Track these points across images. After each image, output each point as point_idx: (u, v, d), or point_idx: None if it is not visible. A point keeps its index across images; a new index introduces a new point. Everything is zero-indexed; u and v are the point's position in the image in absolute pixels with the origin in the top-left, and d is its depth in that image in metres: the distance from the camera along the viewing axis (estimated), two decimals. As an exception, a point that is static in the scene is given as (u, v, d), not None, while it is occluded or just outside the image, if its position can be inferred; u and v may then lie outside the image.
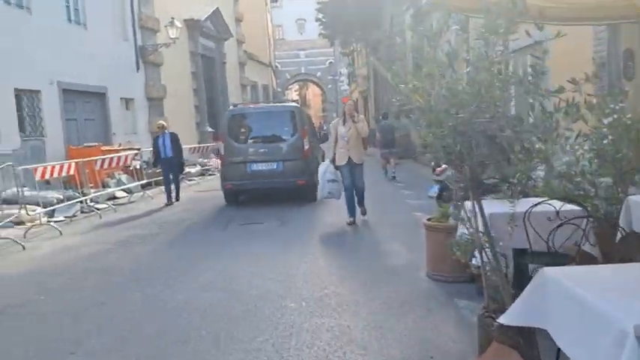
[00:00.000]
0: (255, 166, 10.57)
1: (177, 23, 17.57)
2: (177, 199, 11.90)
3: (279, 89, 54.68)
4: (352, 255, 6.50)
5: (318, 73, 56.39)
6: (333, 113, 54.24)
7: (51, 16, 13.32)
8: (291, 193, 10.80)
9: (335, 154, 8.19)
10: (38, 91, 12.82)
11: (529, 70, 2.62)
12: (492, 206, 3.94)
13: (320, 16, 29.04)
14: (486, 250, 2.95)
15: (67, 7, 14.23)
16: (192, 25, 20.98)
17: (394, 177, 14.25)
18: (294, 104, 13.02)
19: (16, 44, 11.89)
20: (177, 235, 8.26)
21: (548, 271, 2.57)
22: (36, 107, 12.86)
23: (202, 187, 14.91)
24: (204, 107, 21.76)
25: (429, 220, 5.57)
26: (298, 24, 55.32)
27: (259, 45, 31.34)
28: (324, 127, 18.51)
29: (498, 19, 2.39)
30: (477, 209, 2.89)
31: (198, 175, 17.36)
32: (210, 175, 17.80)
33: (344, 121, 8.22)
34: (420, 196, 10.47)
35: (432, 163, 13.53)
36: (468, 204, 3.23)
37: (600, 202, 5.75)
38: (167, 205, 11.47)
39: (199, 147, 18.55)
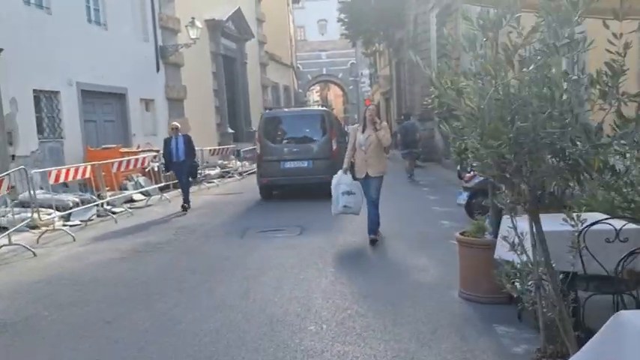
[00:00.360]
0: (288, 164, 11.63)
1: (198, 23, 17.27)
2: (186, 206, 10.84)
3: (300, 90, 54.32)
4: (376, 270, 6.02)
5: (340, 74, 56.03)
6: (355, 114, 53.75)
7: (71, 16, 13.10)
8: (316, 194, 10.37)
9: (352, 163, 7.24)
10: (57, 92, 12.61)
11: (600, 69, 2.12)
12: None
13: (342, 16, 28.58)
14: (544, 283, 2.46)
15: (87, 7, 14.01)
16: (213, 25, 20.69)
17: (411, 176, 14.47)
18: (324, 108, 14.19)
19: (36, 45, 11.67)
20: (193, 243, 7.88)
21: (628, 315, 2.08)
22: (55, 108, 12.65)
23: (222, 190, 14.56)
24: (225, 108, 21.46)
25: (462, 234, 5.06)
26: (320, 25, 55.03)
27: (281, 46, 31.00)
28: (345, 129, 18.89)
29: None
30: (536, 236, 2.40)
31: (218, 178, 17.03)
32: (229, 177, 17.45)
33: (364, 128, 7.17)
34: (447, 203, 9.94)
35: (458, 168, 12.98)
36: (518, 224, 2.75)
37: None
38: (183, 210, 10.89)
39: (219, 149, 18.23)
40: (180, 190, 11.47)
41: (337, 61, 55.32)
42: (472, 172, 8.29)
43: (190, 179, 11.43)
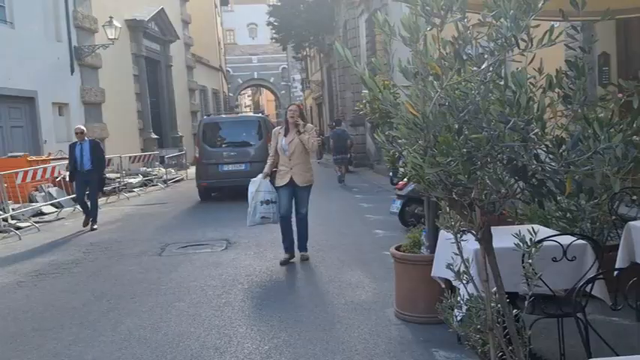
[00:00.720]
0: (227, 167, 12.13)
1: (117, 23, 16.22)
2: (93, 224, 9.57)
3: (230, 94, 53.35)
4: (308, 289, 5.55)
5: (272, 79, 55.51)
6: (263, 113, 53.29)
7: (-32, 11, 11.83)
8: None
9: (273, 170, 6.50)
10: (-47, 95, 11.32)
11: (561, 68, 1.77)
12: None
13: (271, 19, 28.08)
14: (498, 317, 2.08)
15: (-10, 2, 12.75)
16: (134, 25, 19.61)
17: (343, 183, 14.53)
18: (260, 115, 15.12)
19: None
20: (104, 263, 7.09)
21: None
22: (-50, 113, 11.34)
23: (143, 200, 13.63)
24: (148, 112, 20.37)
25: (397, 248, 4.69)
26: (250, 28, 54.33)
27: (209, 48, 30.05)
28: None
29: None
30: (489, 269, 2.01)
31: (140, 187, 16.03)
32: (153, 185, 16.47)
33: (286, 131, 6.41)
34: (380, 210, 9.66)
35: (391, 174, 12.79)
36: (464, 245, 2.37)
37: (585, 224, 5.06)
38: (87, 228, 9.50)
39: (141, 155, 17.18)
40: (81, 205, 10.01)
41: (269, 66, 54.77)
42: (405, 179, 8.05)
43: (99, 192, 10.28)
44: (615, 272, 3.73)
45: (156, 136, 20.62)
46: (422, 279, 4.28)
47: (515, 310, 2.40)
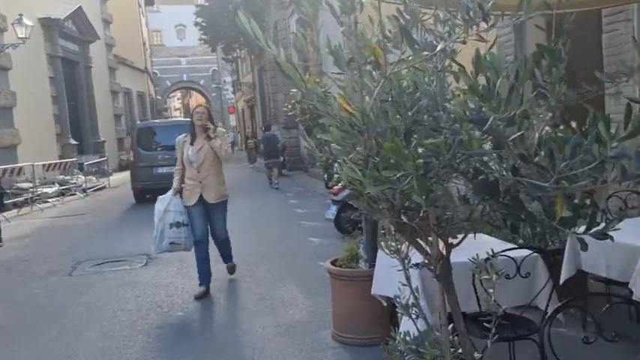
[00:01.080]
0: (160, 170, 12.25)
1: (27, 21, 14.92)
2: None
3: (159, 97, 51.49)
4: (235, 310, 5.02)
5: (202, 81, 54.11)
6: (219, 122, 52.09)
7: None
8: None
9: (181, 186, 5.39)
10: None
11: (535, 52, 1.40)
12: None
13: (199, 20, 27.14)
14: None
15: None
16: (49, 24, 18.24)
17: (277, 187, 14.28)
18: (190, 120, 15.80)
19: None
20: (5, 286, 6.24)
21: None
22: None
23: (59, 212, 12.53)
24: (66, 117, 19.00)
25: (333, 263, 4.27)
26: (178, 30, 52.76)
27: (133, 49, 28.63)
28: None
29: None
30: (452, 312, 1.61)
31: (57, 197, 14.83)
32: (71, 195, 15.27)
33: (193, 138, 5.34)
34: (315, 216, 9.26)
35: (325, 177, 12.42)
36: (412, 273, 1.97)
37: (525, 230, 4.83)
38: None
39: (56, 163, 15.88)
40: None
41: (198, 68, 53.35)
42: (340, 184, 7.68)
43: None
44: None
45: (75, 142, 19.27)
46: (361, 296, 3.88)
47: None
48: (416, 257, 1.86)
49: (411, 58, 1.30)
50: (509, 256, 2.66)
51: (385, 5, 1.70)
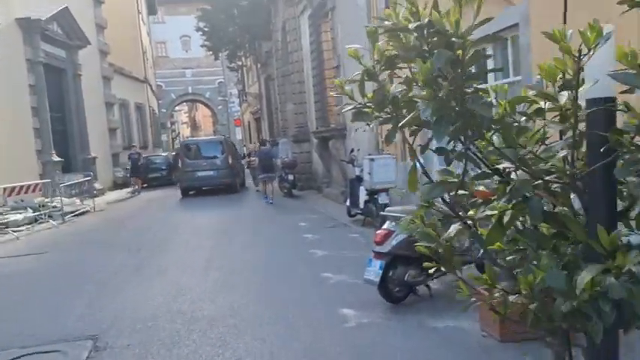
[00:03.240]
0: (200, 173, 16.68)
1: (-6, 17, 12.52)
2: None
3: (163, 110, 49.27)
4: None
5: (207, 94, 51.94)
6: (227, 135, 49.68)
7: None
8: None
9: None
10: None
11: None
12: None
13: (201, 24, 24.80)
14: None
15: None
16: (28, 25, 15.81)
17: (272, 203, 13.97)
18: (223, 136, 21.84)
19: None
20: None
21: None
22: None
23: (15, 248, 9.83)
24: (49, 130, 16.49)
25: None
26: (183, 41, 50.51)
27: (131, 58, 26.29)
28: (243, 149, 20.60)
29: None
30: None
31: (29, 224, 12.28)
32: (46, 221, 12.65)
33: None
34: (343, 263, 6.65)
35: (348, 203, 9.81)
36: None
37: None
38: None
39: (32, 185, 13.29)
40: None
41: (204, 80, 51.19)
42: (389, 226, 5.06)
43: None
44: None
45: (58, 159, 16.75)
46: None
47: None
48: None
49: None
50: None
51: None
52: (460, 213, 1.78)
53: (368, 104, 1.78)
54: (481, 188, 3.08)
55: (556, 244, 1.57)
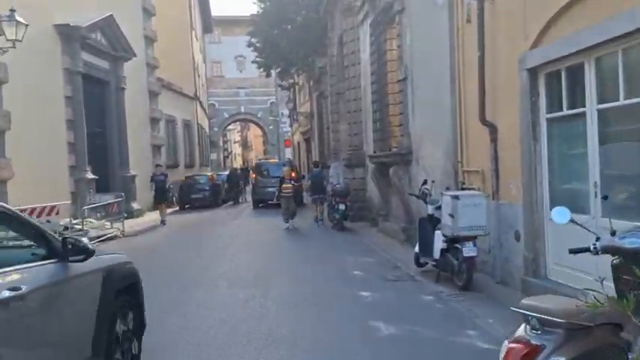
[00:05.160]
0: (269, 189, 18.37)
1: (20, 19, 11.05)
2: None
3: (215, 128, 48.43)
4: None
5: (259, 113, 50.85)
6: (275, 155, 48.33)
7: None
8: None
9: None
10: None
11: None
12: None
13: (253, 40, 23.19)
14: None
15: None
16: (67, 32, 14.48)
17: (322, 220, 14.22)
18: (289, 159, 27.82)
19: None
20: None
21: None
22: None
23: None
24: (84, 145, 15.00)
25: None
26: (238, 61, 49.68)
27: (182, 74, 25.03)
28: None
29: None
30: None
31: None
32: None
33: None
34: (417, 347, 4.31)
35: (416, 249, 7.55)
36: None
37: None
38: None
39: (56, 206, 11.64)
40: None
41: (256, 100, 50.22)
42: (527, 335, 2.73)
43: None
44: None
45: (93, 176, 15.21)
46: None
47: None
48: None
49: None
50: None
51: None
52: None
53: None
54: None
55: None
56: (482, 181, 7.21)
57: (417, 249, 7.71)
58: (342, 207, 12.87)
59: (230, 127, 66.83)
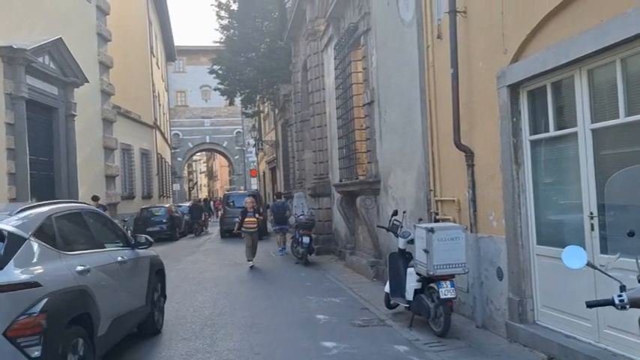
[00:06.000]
0: (236, 219, 14.12)
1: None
2: None
3: (179, 159, 47.12)
4: None
5: (225, 143, 49.90)
6: (241, 186, 47.22)
7: None
8: None
9: None
10: None
11: None
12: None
13: (215, 67, 22.43)
14: None
15: None
16: (10, 55, 13.33)
17: (284, 248, 14.36)
18: (255, 190, 31.69)
19: None
20: None
21: None
22: None
23: None
24: (26, 176, 13.71)
25: None
26: (203, 91, 48.87)
27: (140, 102, 23.91)
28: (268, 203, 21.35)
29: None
30: None
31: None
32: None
33: None
34: None
35: (387, 288, 6.71)
36: None
37: None
38: None
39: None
40: None
41: (222, 129, 49.34)
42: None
43: None
44: None
45: (36, 209, 13.84)
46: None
47: None
48: None
49: None
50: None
51: None
52: None
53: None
54: None
55: None
56: (458, 211, 6.44)
57: (387, 288, 6.83)
58: (306, 240, 11.92)
59: (196, 157, 65.49)
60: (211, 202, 42.77)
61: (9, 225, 3.94)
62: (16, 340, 3.44)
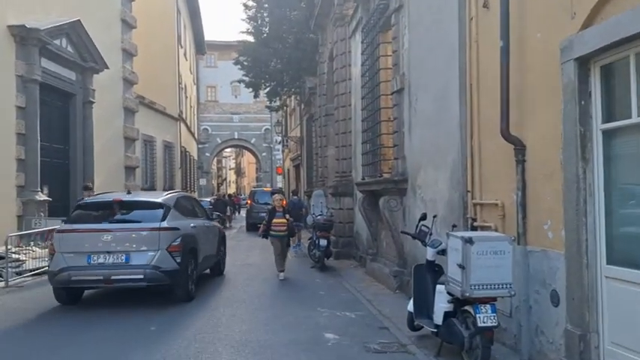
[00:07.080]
0: (262, 214, 15.03)
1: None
2: None
3: (207, 154, 46.70)
4: None
5: (253, 140, 49.27)
6: (267, 183, 46.42)
7: None
8: None
9: None
10: None
11: None
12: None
13: (241, 59, 21.53)
14: None
15: None
16: (23, 35, 12.65)
17: (299, 245, 14.24)
18: (279, 187, 33.06)
19: None
20: None
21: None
22: None
23: None
24: (37, 163, 13.01)
25: None
26: (233, 86, 48.25)
27: (165, 94, 23.22)
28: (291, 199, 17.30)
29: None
30: None
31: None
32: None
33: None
34: None
35: (410, 307, 5.50)
36: None
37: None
38: None
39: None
40: None
41: (250, 126, 48.74)
42: None
43: None
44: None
45: (45, 198, 13.19)
46: None
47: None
48: None
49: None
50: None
51: None
52: None
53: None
54: None
55: None
56: (502, 217, 5.21)
57: (410, 307, 5.64)
58: (323, 242, 10.79)
59: (226, 153, 65.09)
60: (234, 198, 42.11)
61: (164, 200, 7.84)
62: (171, 253, 7.15)
